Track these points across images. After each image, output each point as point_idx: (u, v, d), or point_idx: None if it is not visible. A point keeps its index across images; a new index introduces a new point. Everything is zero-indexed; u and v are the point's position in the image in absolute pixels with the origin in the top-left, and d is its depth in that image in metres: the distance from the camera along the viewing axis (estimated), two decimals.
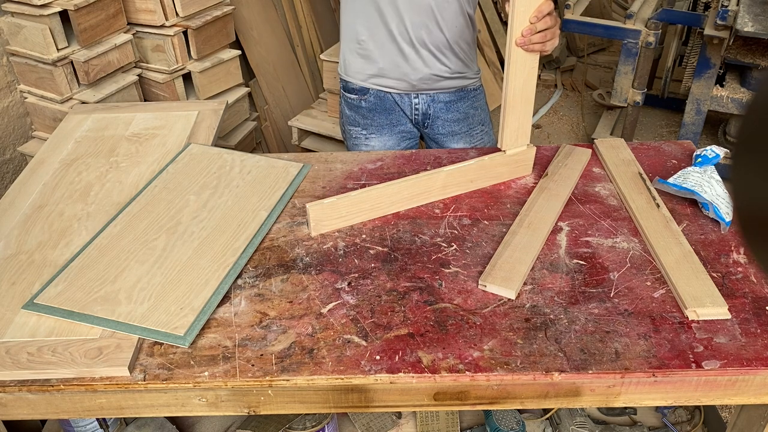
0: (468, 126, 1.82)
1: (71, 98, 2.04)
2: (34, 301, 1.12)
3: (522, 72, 1.31)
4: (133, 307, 1.10)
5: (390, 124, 1.79)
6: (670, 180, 1.38)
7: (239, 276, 1.20)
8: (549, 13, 1.26)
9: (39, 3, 1.91)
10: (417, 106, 1.76)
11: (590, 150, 1.52)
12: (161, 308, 1.10)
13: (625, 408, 1.74)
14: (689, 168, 1.39)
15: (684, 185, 1.34)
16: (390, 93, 1.74)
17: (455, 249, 1.25)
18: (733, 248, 1.25)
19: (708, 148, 1.40)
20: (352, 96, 1.78)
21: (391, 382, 1.02)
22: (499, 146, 1.41)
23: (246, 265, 1.22)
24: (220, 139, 2.40)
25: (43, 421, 1.67)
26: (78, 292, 1.13)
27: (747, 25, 2.54)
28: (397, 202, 1.35)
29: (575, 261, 1.22)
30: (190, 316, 1.08)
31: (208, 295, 1.13)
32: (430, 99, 1.75)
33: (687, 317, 1.10)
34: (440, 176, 1.36)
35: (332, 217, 1.30)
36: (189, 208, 1.33)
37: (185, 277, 1.16)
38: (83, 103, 2.01)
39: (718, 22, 2.65)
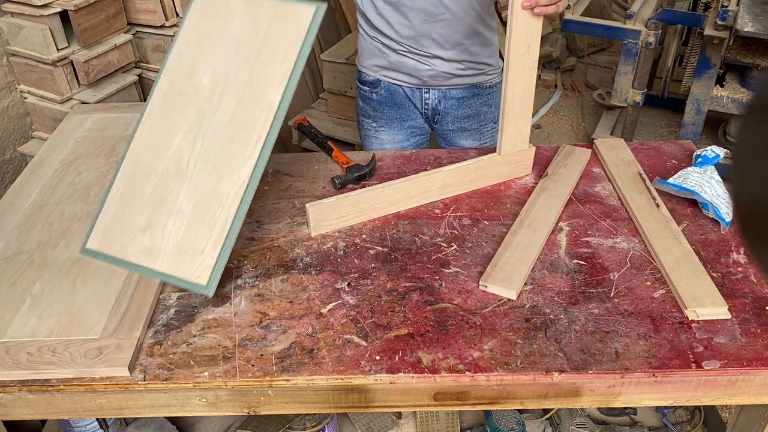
0: (478, 123, 1.79)
1: (71, 98, 2.04)
2: (86, 247, 1.18)
3: (521, 79, 1.30)
4: (161, 242, 1.13)
5: (400, 119, 1.78)
6: (670, 180, 1.38)
7: (239, 276, 1.20)
8: None
9: (39, 3, 1.91)
10: (428, 101, 1.75)
11: (590, 150, 1.52)
12: (186, 256, 1.12)
13: (625, 408, 1.74)
14: (689, 168, 1.39)
15: (684, 185, 1.34)
16: (401, 87, 1.74)
17: (455, 249, 1.25)
18: (733, 248, 1.25)
19: (708, 148, 1.40)
20: (365, 88, 1.78)
21: (391, 383, 1.02)
22: (497, 152, 1.41)
23: (246, 265, 1.22)
24: None
25: (43, 421, 1.67)
26: (117, 232, 1.17)
27: (747, 25, 2.54)
28: (397, 202, 1.35)
29: (575, 261, 1.22)
30: (208, 269, 1.10)
31: (222, 239, 1.11)
32: (441, 95, 1.74)
33: (687, 317, 1.10)
34: (440, 176, 1.36)
35: (332, 217, 1.30)
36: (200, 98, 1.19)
37: (202, 215, 1.13)
38: (83, 103, 2.01)
39: (718, 22, 2.65)
